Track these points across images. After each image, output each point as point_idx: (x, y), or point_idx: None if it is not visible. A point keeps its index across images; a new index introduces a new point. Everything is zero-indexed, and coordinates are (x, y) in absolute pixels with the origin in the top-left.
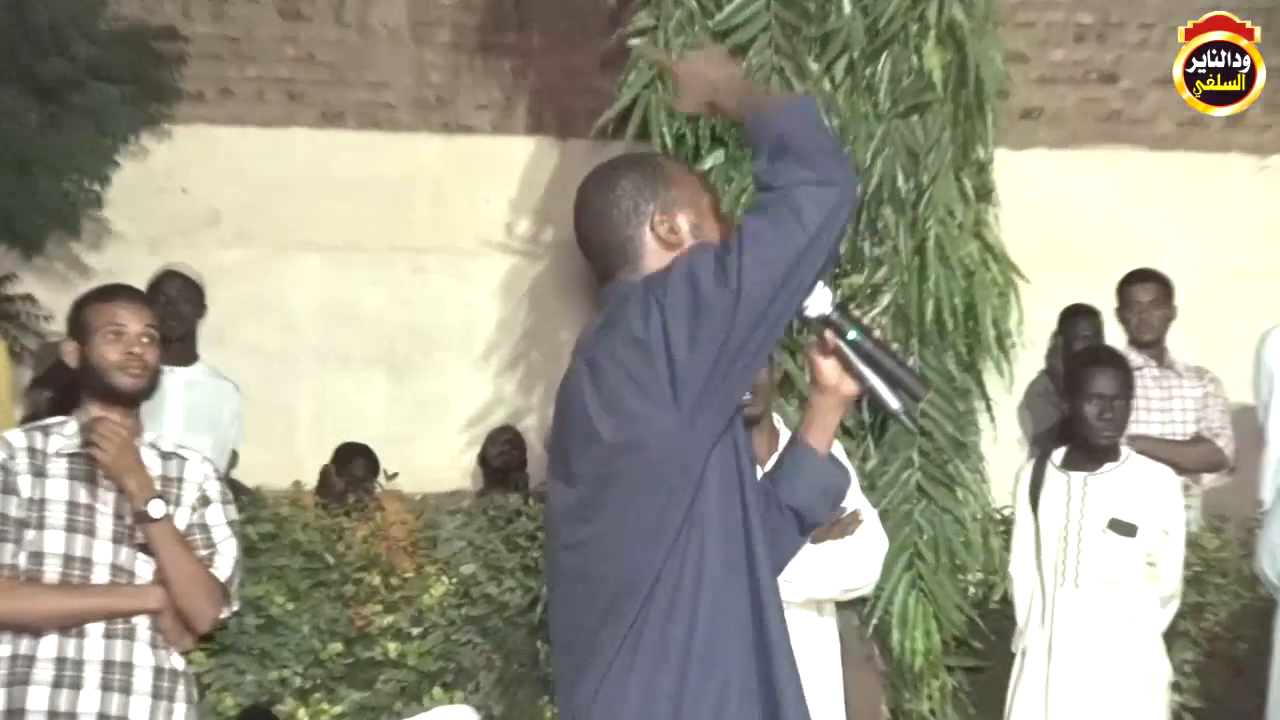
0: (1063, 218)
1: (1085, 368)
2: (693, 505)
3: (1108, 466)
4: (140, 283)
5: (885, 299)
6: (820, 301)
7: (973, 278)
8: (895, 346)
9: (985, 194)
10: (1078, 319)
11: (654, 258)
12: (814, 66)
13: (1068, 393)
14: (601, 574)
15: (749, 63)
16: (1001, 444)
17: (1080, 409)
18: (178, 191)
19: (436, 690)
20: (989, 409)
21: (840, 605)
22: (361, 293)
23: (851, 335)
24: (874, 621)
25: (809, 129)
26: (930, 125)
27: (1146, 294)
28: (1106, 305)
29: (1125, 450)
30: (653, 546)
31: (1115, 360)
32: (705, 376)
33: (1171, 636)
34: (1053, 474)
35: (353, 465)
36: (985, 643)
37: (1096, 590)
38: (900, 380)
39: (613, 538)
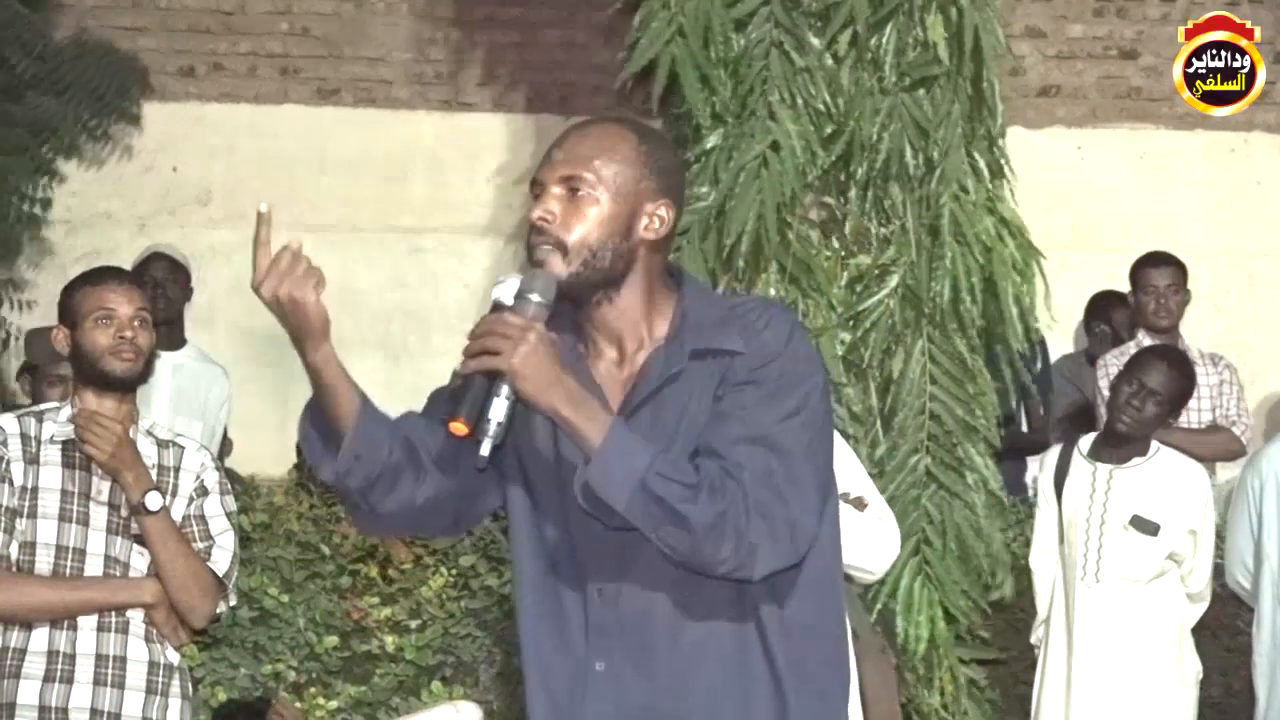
0: (1081, 198)
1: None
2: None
3: (1135, 460)
4: (127, 264)
5: (893, 280)
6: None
7: (991, 254)
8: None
9: (997, 169)
10: (1110, 307)
11: None
12: (815, 42)
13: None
14: None
15: (748, 38)
16: None
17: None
18: (167, 170)
19: (435, 684)
20: (992, 393)
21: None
22: (356, 274)
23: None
24: (878, 608)
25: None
26: (939, 99)
27: (1163, 278)
28: (1126, 288)
29: (1154, 444)
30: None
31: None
32: None
33: (1197, 630)
34: (1079, 463)
35: None
36: (1003, 636)
37: (1117, 587)
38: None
39: None
